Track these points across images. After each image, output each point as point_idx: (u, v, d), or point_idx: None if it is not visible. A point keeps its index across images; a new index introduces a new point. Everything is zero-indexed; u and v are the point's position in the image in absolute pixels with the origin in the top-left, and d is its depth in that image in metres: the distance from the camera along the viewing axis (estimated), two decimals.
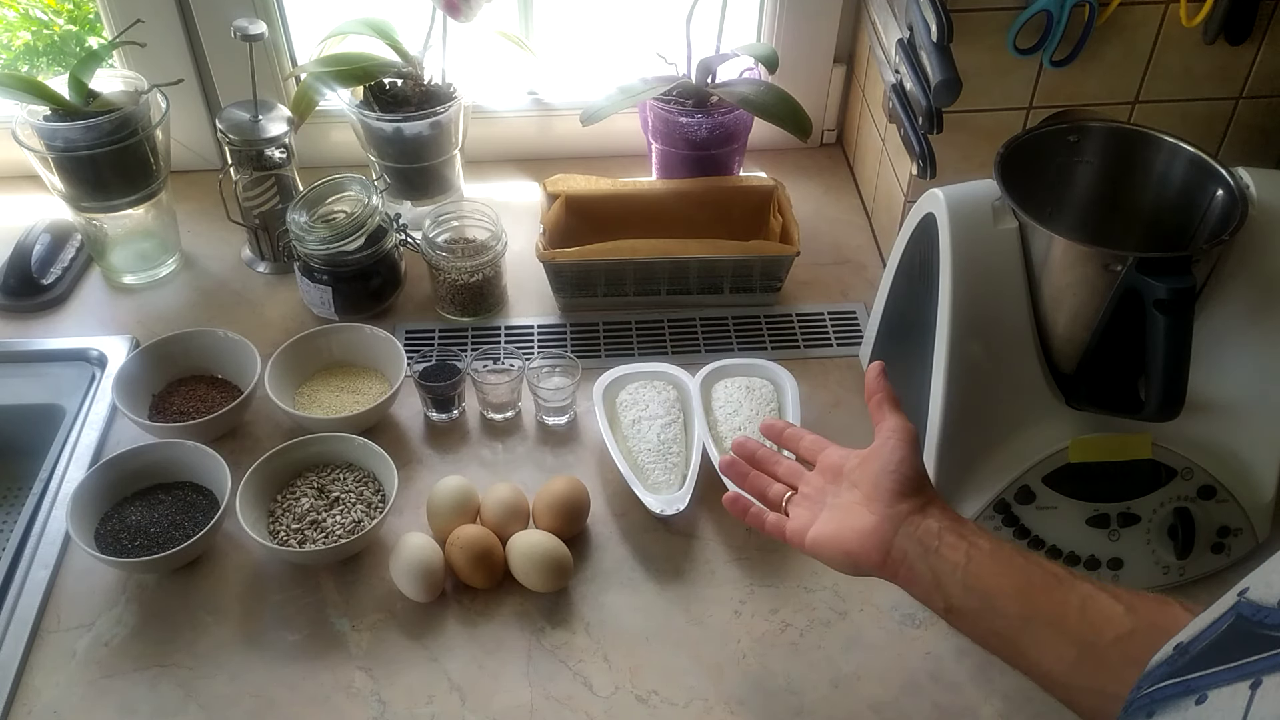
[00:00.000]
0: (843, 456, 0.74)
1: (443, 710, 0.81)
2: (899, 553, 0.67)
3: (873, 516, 0.68)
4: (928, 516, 0.67)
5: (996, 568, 0.64)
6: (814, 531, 0.71)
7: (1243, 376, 0.85)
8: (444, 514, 0.90)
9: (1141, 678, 0.48)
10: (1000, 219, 0.84)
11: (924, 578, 0.66)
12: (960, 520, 0.68)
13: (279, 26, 1.23)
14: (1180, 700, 0.43)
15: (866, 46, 1.23)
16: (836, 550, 0.70)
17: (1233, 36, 0.99)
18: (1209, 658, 0.44)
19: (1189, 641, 0.47)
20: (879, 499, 0.69)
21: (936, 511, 0.68)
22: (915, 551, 0.66)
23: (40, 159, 1.06)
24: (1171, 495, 0.86)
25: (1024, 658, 0.63)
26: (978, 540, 0.66)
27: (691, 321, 1.14)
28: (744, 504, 0.77)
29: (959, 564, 0.65)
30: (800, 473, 0.77)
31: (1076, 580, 0.62)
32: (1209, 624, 0.46)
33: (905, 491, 0.68)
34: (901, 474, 0.69)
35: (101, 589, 0.88)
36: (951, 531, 0.66)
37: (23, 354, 1.10)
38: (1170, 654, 0.47)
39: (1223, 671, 0.42)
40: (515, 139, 1.35)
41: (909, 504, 0.68)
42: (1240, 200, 0.80)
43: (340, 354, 1.07)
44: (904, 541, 0.67)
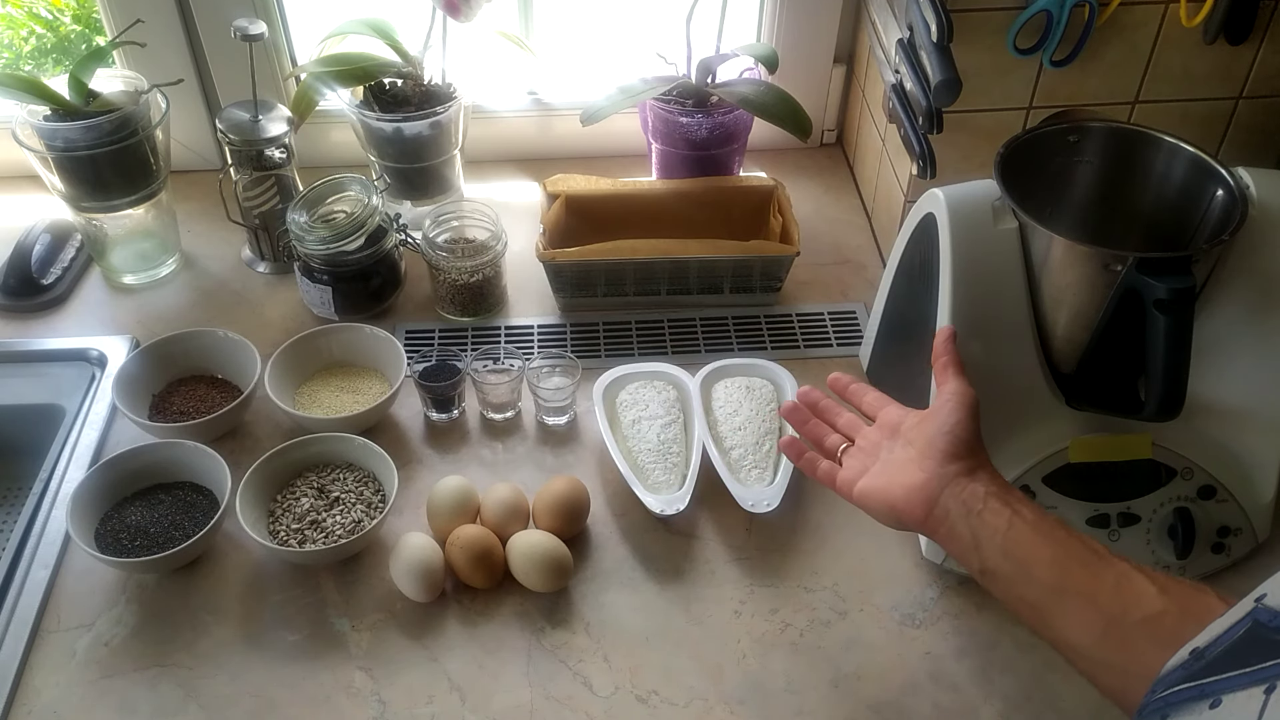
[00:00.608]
0: (902, 414, 0.77)
1: (443, 710, 0.81)
2: (942, 511, 0.69)
3: (922, 474, 0.70)
4: (976, 480, 0.69)
5: (1036, 536, 0.65)
6: (863, 483, 0.74)
7: (1243, 376, 0.85)
8: (444, 514, 0.90)
9: (1156, 681, 0.48)
10: (1000, 219, 0.84)
11: (963, 538, 0.68)
12: (1008, 488, 0.69)
13: (279, 26, 1.24)
14: (1195, 704, 0.43)
15: (866, 46, 1.23)
16: (882, 502, 0.72)
17: (1233, 36, 0.99)
18: (1224, 663, 0.44)
19: (1205, 646, 0.46)
20: (931, 457, 0.71)
21: (985, 476, 0.69)
22: (958, 511, 0.68)
23: (40, 159, 1.06)
24: (1171, 495, 0.86)
25: (1051, 628, 0.64)
26: (1021, 508, 0.67)
27: (691, 321, 1.14)
28: (800, 448, 0.80)
29: (1000, 529, 0.66)
30: (859, 425, 0.80)
31: (1115, 558, 0.63)
32: (1225, 629, 0.46)
33: (958, 453, 0.70)
34: (956, 435, 0.71)
35: (101, 589, 0.88)
36: (997, 497, 0.68)
37: (23, 354, 1.10)
38: (1186, 658, 0.47)
39: (1238, 676, 0.42)
40: (515, 139, 1.35)
41: (959, 465, 0.70)
42: (1240, 200, 0.80)
43: (340, 354, 1.07)
44: (949, 500, 0.68)
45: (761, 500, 0.92)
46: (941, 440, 0.71)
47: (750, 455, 0.95)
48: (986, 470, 0.71)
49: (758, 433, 0.97)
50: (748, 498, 0.92)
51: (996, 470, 0.71)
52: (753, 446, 0.96)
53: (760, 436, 0.97)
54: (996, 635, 0.85)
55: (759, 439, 0.97)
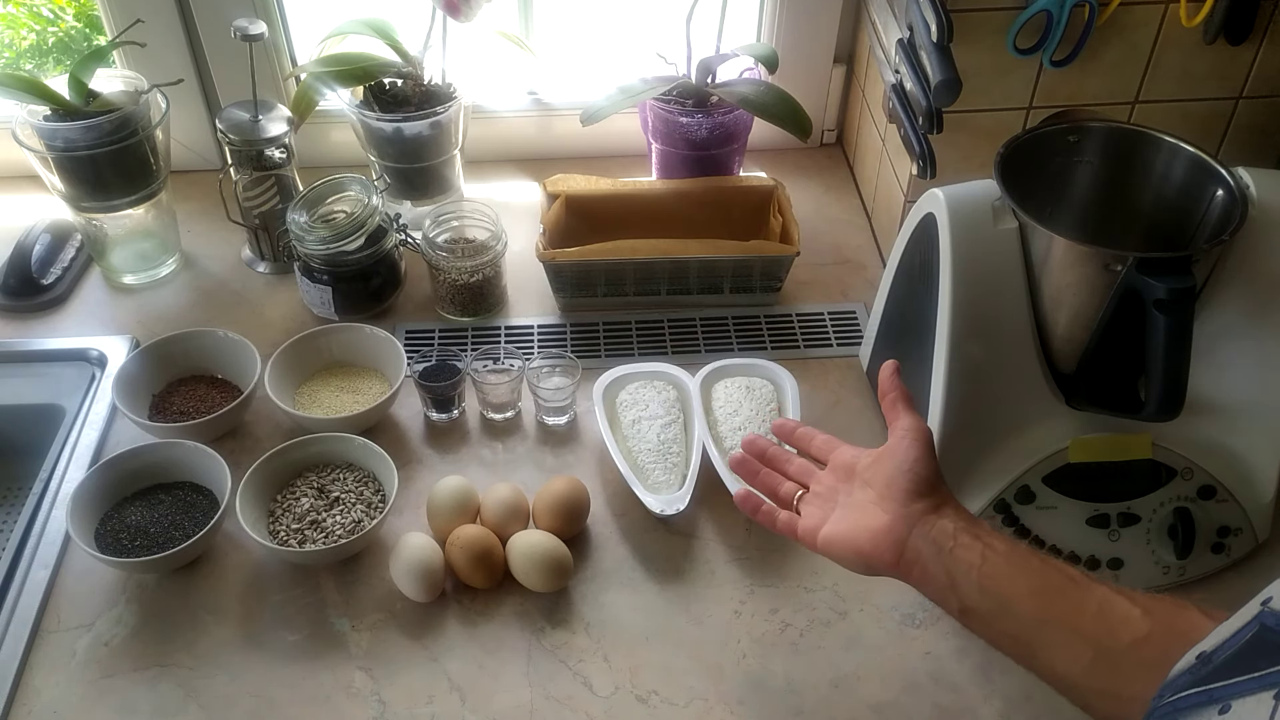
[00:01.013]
0: (855, 455, 0.74)
1: (443, 710, 0.81)
2: (913, 553, 0.66)
3: (886, 516, 0.68)
4: (942, 516, 0.67)
5: (1012, 569, 0.64)
6: (826, 530, 0.71)
7: (1243, 376, 0.85)
8: (444, 514, 0.90)
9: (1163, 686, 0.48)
10: (1000, 219, 0.84)
11: (938, 578, 0.66)
12: (975, 521, 0.67)
13: (279, 26, 1.24)
14: (1203, 709, 0.43)
15: (866, 46, 1.23)
16: (849, 549, 0.69)
17: (1233, 36, 0.99)
18: (1232, 667, 0.44)
19: (1212, 650, 0.46)
20: (893, 498, 0.68)
21: (951, 511, 0.67)
22: (930, 551, 0.66)
23: (40, 159, 1.06)
24: (1171, 495, 0.86)
25: (1038, 660, 0.62)
26: (993, 541, 0.65)
27: (691, 321, 1.14)
28: (755, 501, 0.76)
29: (974, 565, 0.64)
30: (812, 471, 0.77)
31: (1093, 583, 0.62)
32: (1232, 633, 0.46)
33: (920, 491, 0.68)
34: (916, 473, 0.69)
35: (101, 589, 0.88)
36: (967, 532, 0.66)
37: (23, 354, 1.10)
38: (1193, 663, 0.47)
39: (1246, 681, 0.42)
40: (515, 139, 1.35)
41: (923, 504, 0.68)
42: (1240, 200, 0.80)
43: (340, 354, 1.07)
44: (918, 541, 0.66)
45: None
46: (902, 479, 0.69)
47: None
48: (951, 505, 0.68)
49: (761, 431, 0.97)
50: None
51: (960, 504, 0.69)
52: None
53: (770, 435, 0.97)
54: None
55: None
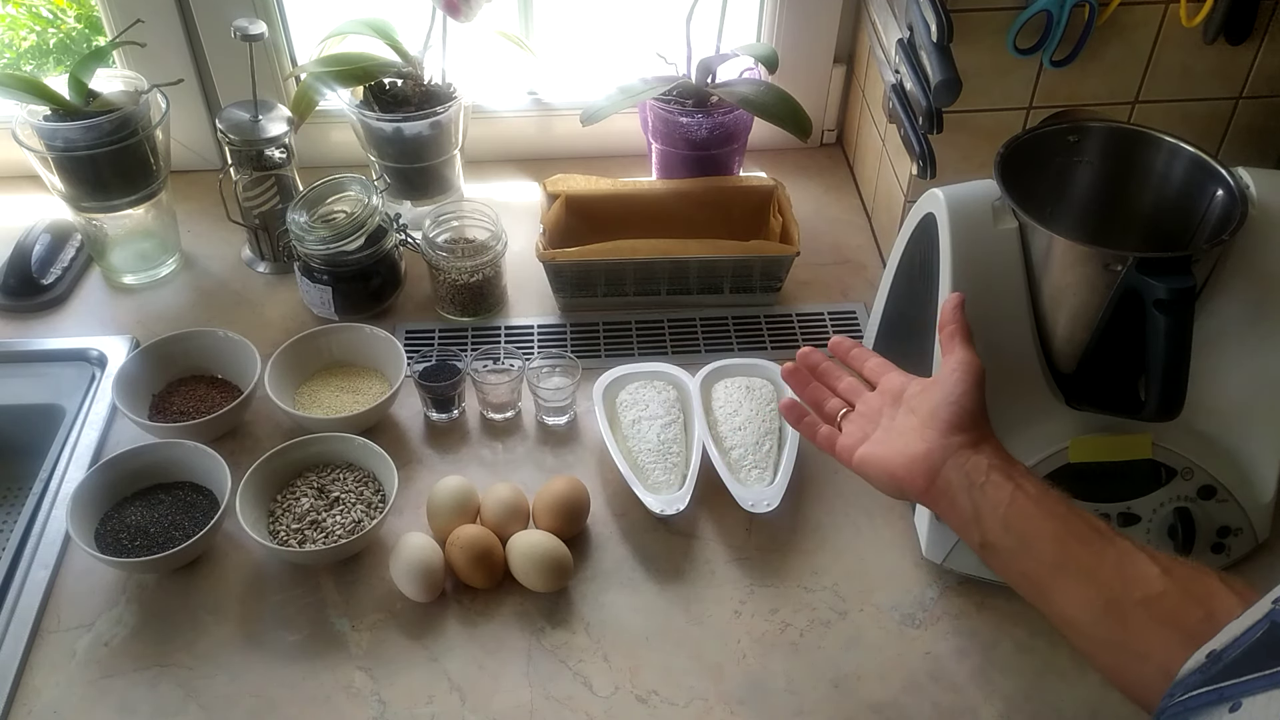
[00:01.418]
0: (904, 381, 0.75)
1: (443, 710, 0.81)
2: (944, 482, 0.67)
3: (924, 444, 0.69)
4: (979, 452, 0.68)
5: (1039, 511, 0.64)
6: (864, 449, 0.72)
7: (1243, 376, 0.84)
8: (444, 514, 0.90)
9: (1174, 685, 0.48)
10: (1000, 219, 0.84)
11: (965, 510, 0.66)
12: (1011, 461, 0.68)
13: (279, 26, 1.24)
14: (1214, 708, 0.43)
15: (866, 46, 1.23)
16: (882, 471, 0.71)
17: (1233, 36, 1.00)
18: (1243, 665, 0.44)
19: (1222, 649, 0.46)
20: (934, 427, 0.69)
21: (989, 449, 0.68)
22: (960, 484, 0.67)
23: (40, 159, 1.06)
24: (1171, 495, 0.86)
25: (1050, 603, 0.63)
26: (1025, 483, 0.66)
27: (691, 321, 1.14)
28: (799, 411, 0.78)
29: (1002, 502, 0.65)
30: (860, 390, 0.78)
31: (1118, 536, 0.62)
32: (1243, 631, 0.46)
33: (962, 424, 0.69)
34: (961, 406, 0.69)
35: (101, 589, 0.88)
36: (1000, 470, 0.66)
37: (23, 354, 1.10)
38: (1203, 661, 0.47)
39: (1257, 679, 0.42)
40: (515, 139, 1.35)
41: (963, 437, 0.68)
42: (1240, 200, 0.80)
43: (340, 354, 1.07)
44: (951, 472, 0.67)
45: (762, 500, 0.92)
46: (946, 410, 0.69)
47: (750, 455, 0.95)
48: (990, 443, 0.69)
49: (758, 433, 0.97)
50: (748, 498, 0.92)
51: (1000, 443, 0.70)
52: (753, 446, 0.96)
53: (760, 436, 0.97)
54: (996, 635, 0.85)
55: (759, 439, 0.97)
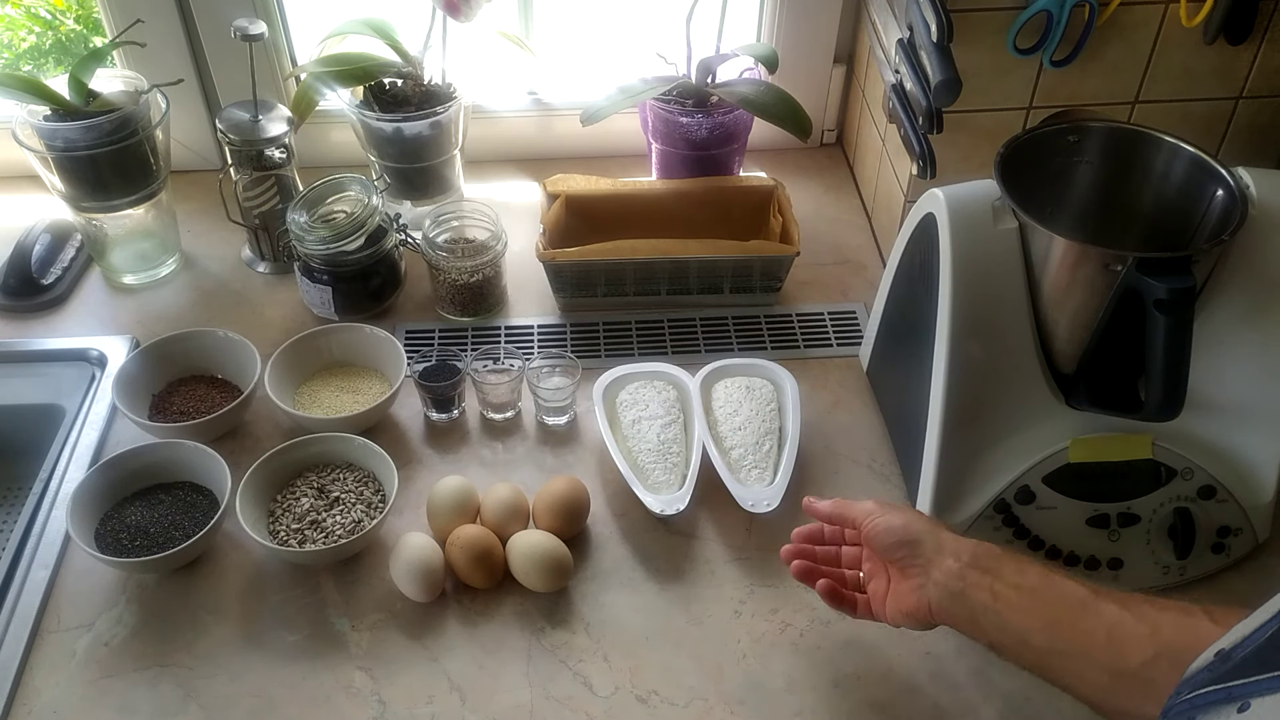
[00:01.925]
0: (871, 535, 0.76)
1: (443, 710, 0.81)
2: (936, 604, 0.71)
3: (907, 579, 0.73)
4: (945, 557, 0.71)
5: (1022, 603, 0.67)
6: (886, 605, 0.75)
7: (1243, 376, 0.84)
8: (444, 514, 0.90)
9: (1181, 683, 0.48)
10: (1000, 219, 0.84)
11: (964, 620, 0.70)
12: (981, 553, 0.70)
13: (279, 26, 1.24)
14: (1222, 707, 0.43)
15: (866, 46, 1.23)
16: (901, 615, 0.74)
17: (1233, 36, 0.99)
18: (1251, 665, 0.44)
19: (1231, 648, 0.47)
20: (901, 564, 0.74)
21: (951, 548, 0.71)
22: (945, 598, 0.70)
23: (40, 159, 1.06)
24: (1171, 495, 0.86)
25: (1067, 684, 0.65)
26: (1001, 574, 0.68)
27: (691, 321, 1.14)
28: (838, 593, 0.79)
29: (988, 604, 0.68)
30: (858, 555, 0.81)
31: (1102, 605, 0.64)
32: (1252, 630, 0.46)
33: (911, 548, 0.73)
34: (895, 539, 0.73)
35: (101, 589, 0.88)
36: (973, 569, 0.69)
37: (23, 354, 1.10)
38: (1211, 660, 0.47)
39: (1266, 680, 0.42)
40: (515, 139, 1.35)
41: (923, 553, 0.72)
42: (1240, 200, 0.80)
43: (340, 354, 1.07)
44: (935, 590, 0.70)
45: (761, 500, 0.92)
46: (895, 551, 0.74)
47: (750, 455, 0.95)
48: (950, 544, 0.72)
49: (758, 432, 0.97)
50: (748, 498, 0.92)
51: (958, 537, 0.72)
52: (753, 446, 0.96)
53: (760, 436, 0.97)
54: None
55: (759, 439, 0.97)
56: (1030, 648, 0.66)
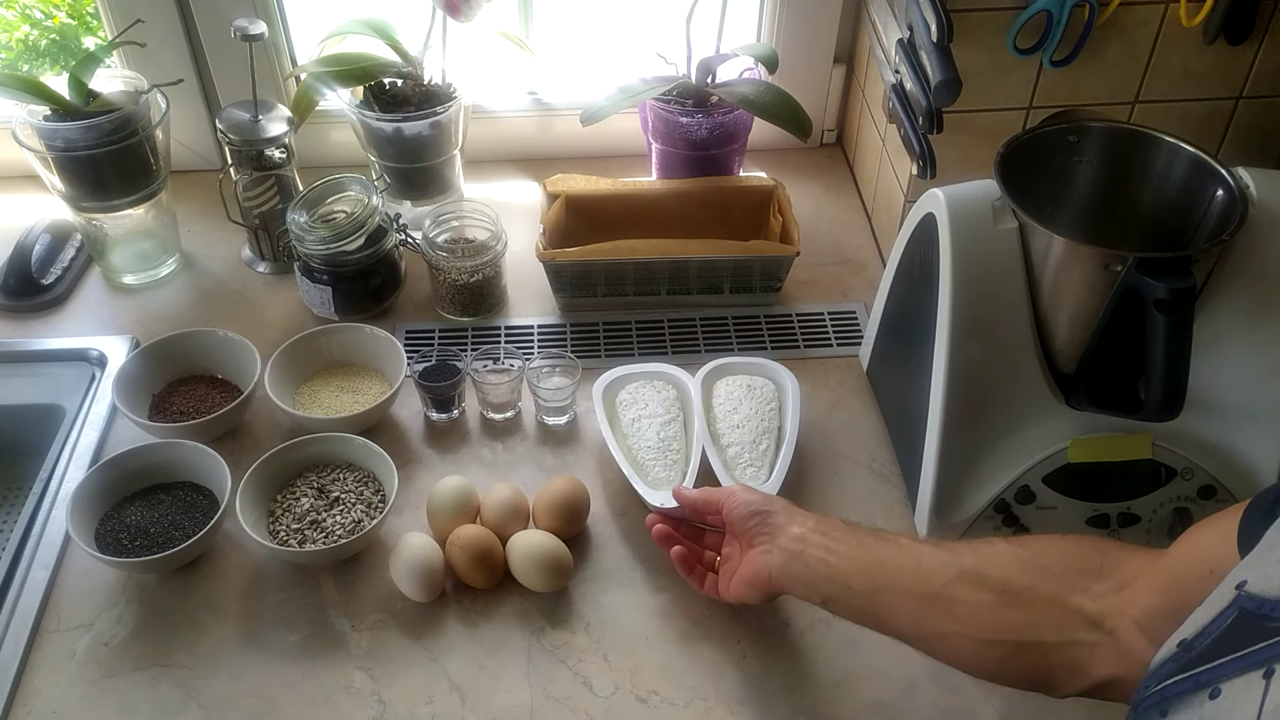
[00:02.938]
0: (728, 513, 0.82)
1: (443, 710, 0.81)
2: (778, 566, 0.76)
3: (754, 548, 0.79)
4: (793, 525, 0.77)
5: (851, 553, 0.73)
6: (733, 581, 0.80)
7: (1243, 376, 0.84)
8: (444, 514, 0.90)
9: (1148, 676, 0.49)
10: (1000, 219, 0.84)
11: (800, 578, 0.75)
12: (824, 521, 0.77)
13: (279, 26, 1.24)
14: (1193, 695, 0.44)
15: (866, 46, 1.23)
16: (741, 582, 0.79)
17: (1233, 36, 0.99)
18: (1216, 651, 0.44)
19: (1193, 637, 0.47)
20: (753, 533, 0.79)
21: (799, 518, 0.77)
22: (787, 560, 0.75)
23: (40, 159, 1.06)
24: (1171, 495, 0.86)
25: (883, 623, 0.71)
26: (835, 535, 0.75)
27: (691, 321, 1.14)
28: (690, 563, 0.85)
29: (822, 558, 0.74)
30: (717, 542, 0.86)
31: (916, 544, 0.72)
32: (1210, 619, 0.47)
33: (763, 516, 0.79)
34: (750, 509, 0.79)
35: (101, 589, 0.88)
36: (815, 532, 0.75)
37: (23, 354, 1.10)
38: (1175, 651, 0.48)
39: (1231, 662, 0.42)
40: (515, 139, 1.35)
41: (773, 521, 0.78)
42: (1240, 200, 0.80)
43: (340, 354, 1.07)
44: (779, 554, 0.76)
45: None
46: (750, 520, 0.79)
47: (746, 453, 0.96)
48: (798, 514, 0.78)
49: (755, 431, 0.97)
50: None
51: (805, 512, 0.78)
52: (749, 444, 0.96)
53: (758, 435, 0.97)
54: None
55: (756, 437, 0.97)
56: (853, 591, 0.72)
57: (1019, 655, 0.64)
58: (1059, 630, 0.62)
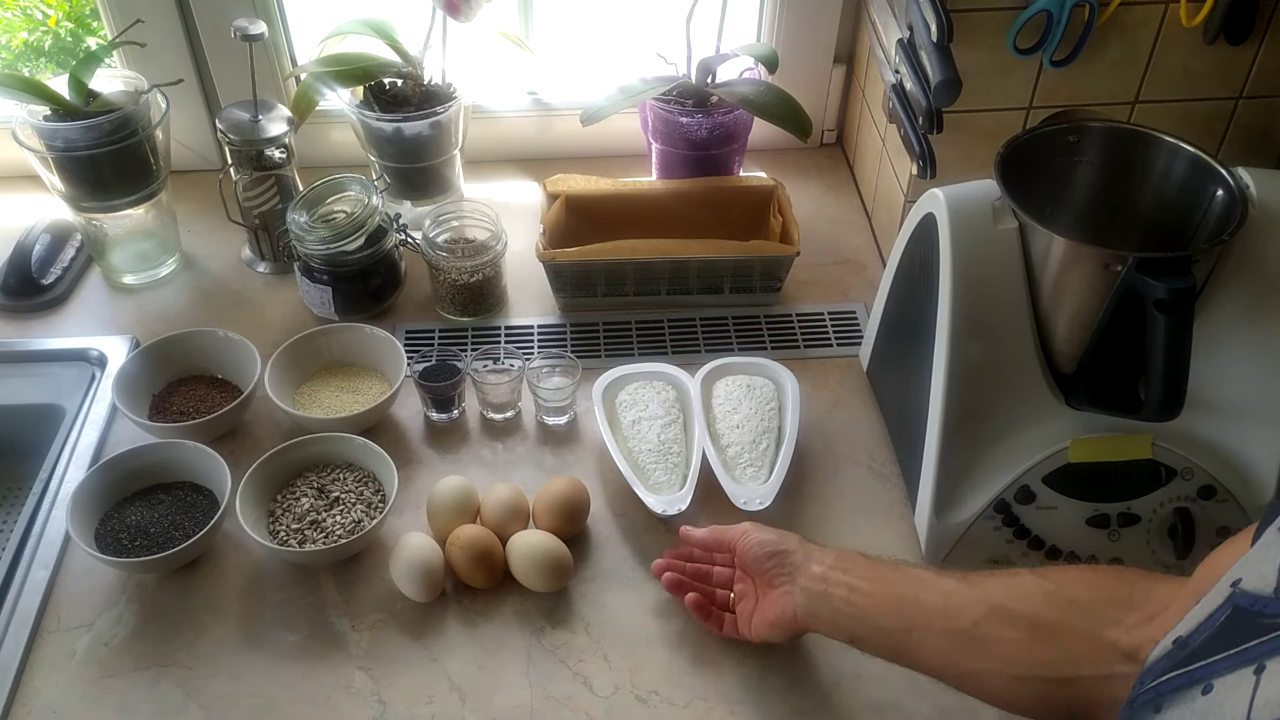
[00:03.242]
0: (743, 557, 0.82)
1: (443, 710, 0.81)
2: (803, 607, 0.76)
3: (775, 589, 0.79)
4: (811, 564, 0.77)
5: (875, 591, 0.73)
6: (755, 621, 0.80)
7: (1243, 376, 0.84)
8: (444, 514, 0.90)
9: (1144, 672, 0.49)
10: (1000, 219, 0.84)
11: (826, 619, 0.75)
12: (843, 556, 0.76)
13: (279, 26, 1.24)
14: (1186, 691, 0.44)
15: (866, 46, 1.23)
16: (766, 625, 0.79)
17: (1233, 36, 0.99)
18: (1209, 648, 0.45)
19: (1188, 635, 0.48)
20: (771, 574, 0.79)
21: (818, 556, 0.77)
22: (811, 600, 0.75)
23: (40, 159, 1.06)
24: (1171, 495, 0.86)
25: (915, 662, 0.71)
26: (856, 571, 0.74)
27: (691, 321, 1.14)
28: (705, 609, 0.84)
29: (846, 599, 0.73)
30: (730, 576, 0.86)
31: (941, 579, 0.71)
32: (1206, 617, 0.47)
33: (780, 557, 0.78)
34: (766, 551, 0.79)
35: (101, 589, 0.88)
36: (834, 570, 0.75)
37: (23, 354, 1.10)
38: (1170, 648, 0.48)
39: (1223, 659, 0.43)
40: (515, 139, 1.35)
41: (791, 562, 0.78)
42: (1240, 200, 0.80)
43: (340, 354, 1.07)
44: (801, 595, 0.76)
45: (755, 498, 0.92)
46: (766, 562, 0.79)
47: (746, 454, 0.96)
48: (816, 551, 0.78)
49: (755, 431, 0.97)
50: (741, 495, 0.92)
51: (824, 547, 0.78)
52: (749, 445, 0.96)
53: (758, 435, 0.97)
54: None
55: (756, 437, 0.97)
56: (882, 631, 0.71)
57: (1054, 691, 0.64)
58: (1094, 664, 0.62)
